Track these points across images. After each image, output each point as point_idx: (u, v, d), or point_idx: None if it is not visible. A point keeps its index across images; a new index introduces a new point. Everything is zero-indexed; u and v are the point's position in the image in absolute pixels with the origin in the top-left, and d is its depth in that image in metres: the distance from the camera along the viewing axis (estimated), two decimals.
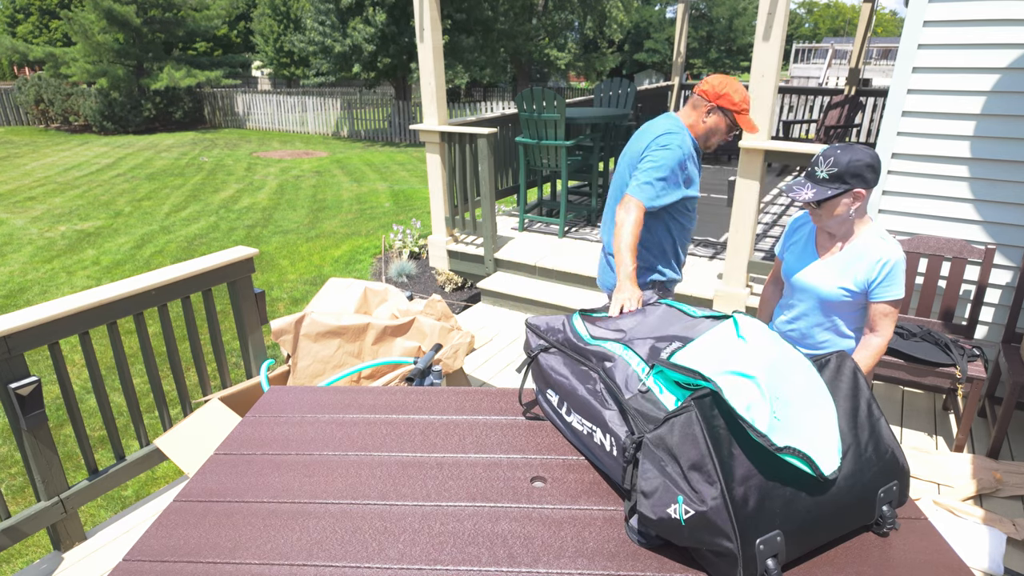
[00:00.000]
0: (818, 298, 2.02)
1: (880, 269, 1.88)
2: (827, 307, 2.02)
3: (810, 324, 2.09)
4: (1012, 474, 2.78)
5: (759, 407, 0.86)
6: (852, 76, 8.63)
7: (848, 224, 1.94)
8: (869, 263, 1.89)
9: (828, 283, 1.98)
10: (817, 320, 2.07)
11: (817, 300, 2.03)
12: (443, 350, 2.55)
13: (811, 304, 2.06)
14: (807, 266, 2.03)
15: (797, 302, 2.11)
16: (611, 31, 25.80)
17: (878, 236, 1.92)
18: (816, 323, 2.07)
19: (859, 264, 1.92)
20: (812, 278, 2.02)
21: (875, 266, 1.88)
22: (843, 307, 2.00)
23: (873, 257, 1.89)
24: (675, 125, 2.40)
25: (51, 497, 2.35)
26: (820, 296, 2.01)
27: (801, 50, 23.76)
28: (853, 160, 1.80)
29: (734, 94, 2.30)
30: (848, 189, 1.82)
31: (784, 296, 2.20)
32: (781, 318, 2.19)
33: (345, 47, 16.18)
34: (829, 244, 1.99)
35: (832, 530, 0.91)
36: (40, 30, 24.30)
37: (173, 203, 9.83)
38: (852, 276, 1.93)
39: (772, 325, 2.25)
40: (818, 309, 2.05)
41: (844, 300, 1.97)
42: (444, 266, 5.59)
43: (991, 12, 2.95)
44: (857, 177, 1.81)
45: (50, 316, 2.22)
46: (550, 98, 4.88)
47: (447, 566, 0.92)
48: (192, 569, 0.93)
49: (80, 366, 4.71)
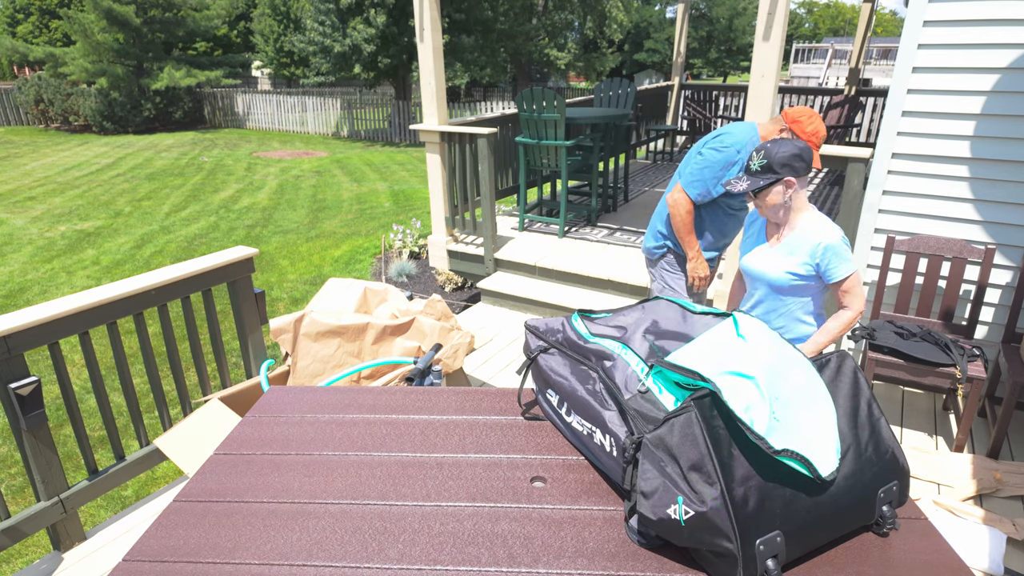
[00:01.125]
0: (769, 284, 2.19)
1: (823, 253, 2.04)
2: (779, 292, 2.18)
3: (766, 311, 2.25)
4: (1012, 474, 2.78)
5: (758, 408, 0.86)
6: (852, 76, 8.63)
7: (787, 212, 2.10)
8: (810, 247, 2.06)
9: (775, 269, 2.14)
10: (772, 306, 2.23)
11: (768, 286, 2.20)
12: (443, 350, 2.55)
13: (765, 291, 2.22)
14: (760, 256, 2.21)
15: (754, 291, 2.28)
16: (611, 31, 25.80)
17: (814, 222, 2.09)
18: (771, 309, 2.24)
19: (801, 249, 2.08)
20: (761, 265, 2.18)
21: (816, 250, 2.05)
22: (794, 291, 2.15)
23: (812, 241, 2.05)
24: (743, 130, 2.60)
25: (51, 497, 2.35)
26: (770, 282, 2.17)
27: (801, 50, 23.76)
28: (781, 152, 1.99)
29: (807, 124, 2.41)
30: (779, 178, 2.01)
31: (747, 286, 2.38)
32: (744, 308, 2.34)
33: (345, 47, 16.18)
34: (775, 233, 2.17)
35: (832, 530, 0.91)
36: (40, 30, 24.30)
37: (173, 203, 9.83)
38: (796, 260, 2.09)
39: None
40: (771, 295, 2.21)
41: (794, 284, 2.12)
42: (444, 266, 5.59)
43: (991, 12, 2.95)
44: (786, 167, 2.00)
45: (50, 316, 2.22)
46: (550, 98, 4.87)
47: (447, 566, 0.92)
48: (192, 569, 0.93)
49: (80, 366, 4.71)
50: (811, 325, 2.19)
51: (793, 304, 2.18)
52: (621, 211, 6.28)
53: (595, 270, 4.66)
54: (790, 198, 2.05)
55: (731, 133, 2.61)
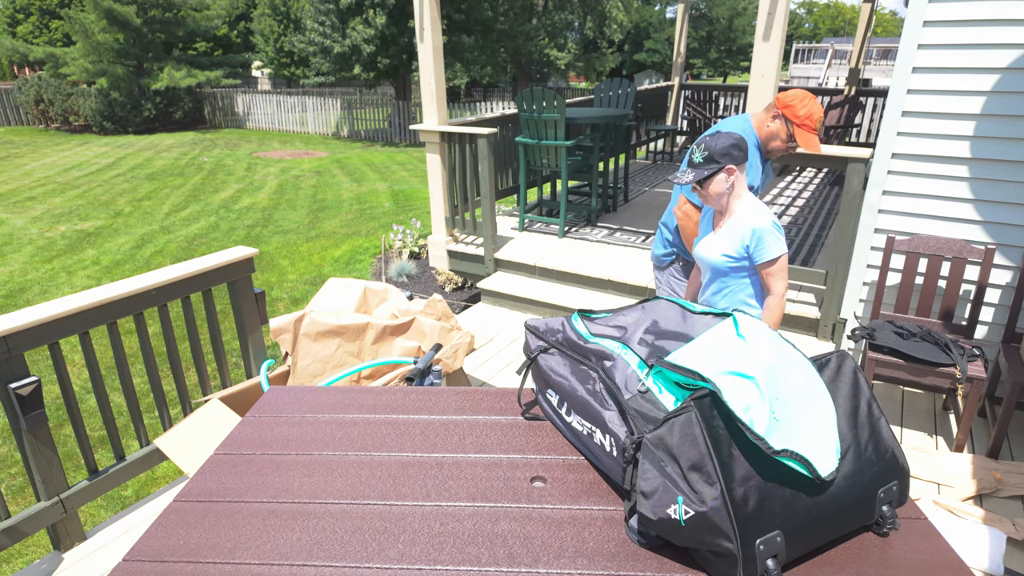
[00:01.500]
0: (712, 268, 2.32)
1: (752, 236, 2.18)
2: (720, 275, 2.32)
3: (714, 292, 2.38)
4: (1012, 474, 2.78)
5: (758, 408, 0.86)
6: (852, 76, 8.63)
7: (727, 200, 2.23)
8: (742, 231, 2.20)
9: (714, 252, 2.29)
10: (717, 288, 2.36)
11: (712, 270, 2.33)
12: (443, 350, 2.55)
13: (710, 275, 2.36)
14: (706, 241, 2.35)
15: (704, 276, 2.42)
16: (611, 31, 25.81)
17: (748, 207, 2.23)
18: (717, 291, 2.36)
19: (735, 233, 2.23)
20: (705, 250, 2.33)
21: (747, 234, 2.19)
22: (733, 273, 2.28)
23: (745, 226, 2.20)
24: (735, 124, 2.57)
25: (51, 497, 2.35)
26: (712, 266, 2.31)
27: (801, 50, 23.76)
28: (720, 143, 2.12)
29: (799, 108, 2.39)
30: (720, 167, 2.13)
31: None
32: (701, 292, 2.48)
33: (345, 48, 16.18)
34: (719, 220, 2.31)
35: (832, 530, 0.91)
36: (40, 30, 24.30)
37: (173, 203, 9.83)
38: (731, 244, 2.24)
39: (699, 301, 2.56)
40: (717, 278, 2.34)
41: (731, 266, 2.26)
42: (444, 266, 5.59)
43: (991, 12, 2.95)
44: (726, 156, 2.12)
45: (50, 316, 2.22)
46: (550, 98, 4.87)
47: (447, 566, 0.92)
48: (192, 569, 0.93)
49: (80, 366, 4.71)
50: (755, 308, 2.31)
51: (735, 286, 2.32)
52: (621, 211, 6.28)
53: (595, 270, 4.66)
54: (732, 185, 2.19)
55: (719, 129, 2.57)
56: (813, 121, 2.39)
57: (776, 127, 2.50)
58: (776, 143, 2.53)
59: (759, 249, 2.19)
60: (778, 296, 2.24)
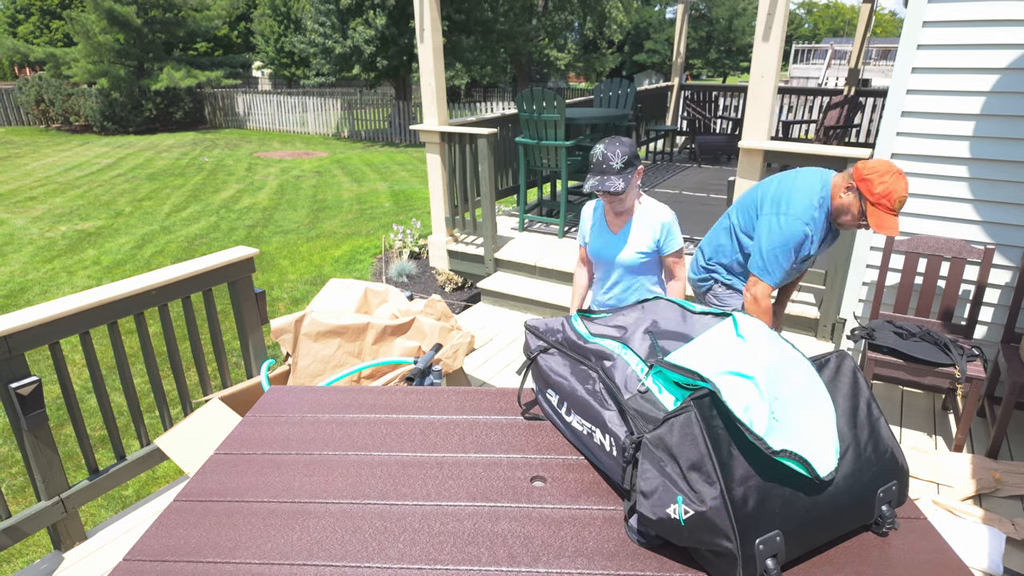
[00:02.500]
0: (625, 266, 2.45)
1: (661, 230, 2.36)
2: (633, 271, 2.46)
3: (623, 289, 2.50)
4: (1011, 474, 2.78)
5: (758, 408, 0.86)
6: (851, 76, 8.63)
7: (634, 198, 2.37)
8: (653, 227, 2.36)
9: (629, 252, 2.41)
10: (627, 284, 2.49)
11: (624, 268, 2.46)
12: (443, 350, 2.56)
13: (621, 272, 2.47)
14: (609, 243, 2.44)
15: (609, 275, 2.50)
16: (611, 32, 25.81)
17: (650, 205, 2.39)
18: (627, 287, 2.50)
19: (645, 230, 2.37)
20: (613, 251, 2.43)
21: (657, 228, 2.36)
22: (643, 268, 2.45)
23: (655, 221, 2.36)
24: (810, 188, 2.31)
25: (51, 497, 2.35)
26: (626, 264, 2.44)
27: (801, 50, 23.76)
28: (626, 147, 2.22)
29: (877, 185, 2.11)
30: (635, 169, 2.24)
31: (597, 274, 2.59)
32: (598, 293, 2.58)
33: (345, 48, 16.18)
34: (617, 220, 2.42)
35: (831, 530, 0.91)
36: (41, 30, 24.30)
37: (174, 203, 9.84)
38: (644, 241, 2.38)
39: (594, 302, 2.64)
40: (627, 275, 2.47)
41: (642, 262, 2.42)
42: (444, 266, 5.59)
43: (990, 12, 2.95)
44: (636, 157, 2.24)
45: (51, 316, 2.22)
46: (550, 98, 4.88)
47: (447, 565, 0.92)
48: (192, 569, 0.93)
49: (81, 366, 4.71)
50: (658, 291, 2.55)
51: (644, 279, 2.48)
52: None
53: None
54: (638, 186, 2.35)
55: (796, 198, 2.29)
56: (891, 201, 2.08)
57: (848, 200, 2.21)
58: (847, 218, 2.25)
59: (669, 241, 2.39)
60: (682, 280, 2.49)
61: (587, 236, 2.53)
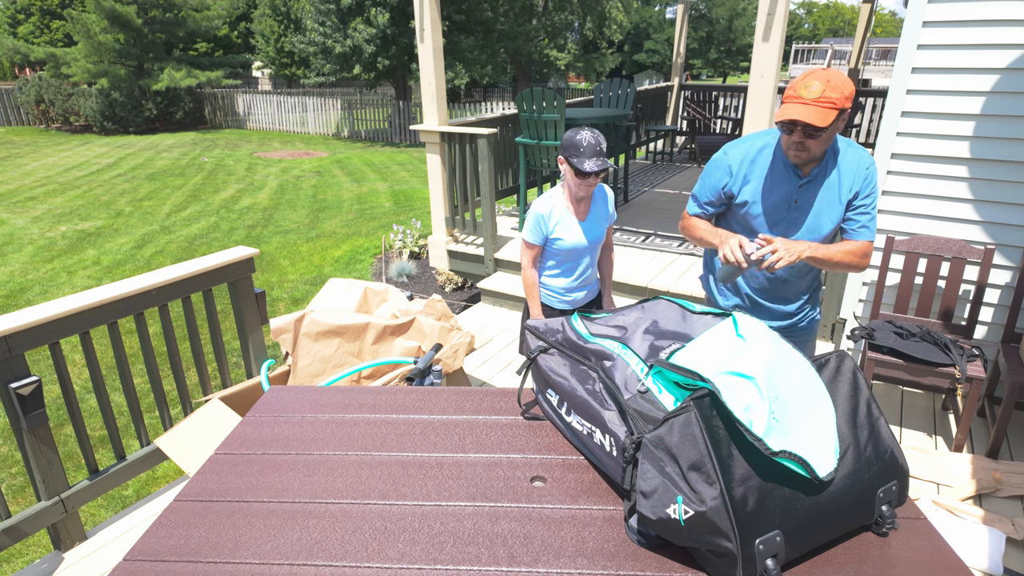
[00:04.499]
0: (592, 250, 2.59)
1: (612, 203, 2.62)
2: (596, 249, 2.61)
3: (588, 267, 2.61)
4: (1011, 474, 2.78)
5: (757, 408, 0.86)
6: (851, 76, 8.63)
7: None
8: (604, 198, 2.58)
9: (600, 229, 2.56)
10: (588, 262, 2.61)
11: (591, 252, 2.59)
12: (443, 350, 2.56)
13: (589, 258, 2.60)
14: (583, 231, 2.53)
15: (580, 262, 2.60)
16: (611, 32, 25.83)
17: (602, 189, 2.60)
18: (589, 264, 2.61)
19: (602, 203, 2.57)
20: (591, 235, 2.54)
21: (611, 203, 2.61)
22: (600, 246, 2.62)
23: (609, 197, 2.60)
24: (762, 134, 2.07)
25: (51, 497, 2.36)
26: (598, 243, 2.58)
27: (800, 51, 23.77)
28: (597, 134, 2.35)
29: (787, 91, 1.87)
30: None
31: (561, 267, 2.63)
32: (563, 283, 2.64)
33: (346, 48, 16.18)
34: (580, 206, 2.52)
35: (831, 530, 0.91)
36: (41, 30, 24.30)
37: (174, 203, 9.84)
38: (605, 214, 2.58)
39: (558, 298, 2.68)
40: (591, 255, 2.61)
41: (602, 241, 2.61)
42: (444, 266, 5.59)
43: (990, 12, 2.95)
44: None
45: (51, 316, 2.22)
46: (550, 99, 4.88)
47: (447, 565, 0.92)
48: (192, 569, 0.93)
49: (81, 366, 4.71)
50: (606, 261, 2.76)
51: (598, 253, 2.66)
52: (620, 211, 6.28)
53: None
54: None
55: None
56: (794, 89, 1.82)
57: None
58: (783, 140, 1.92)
59: (614, 213, 2.66)
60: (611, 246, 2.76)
61: (553, 234, 2.50)
